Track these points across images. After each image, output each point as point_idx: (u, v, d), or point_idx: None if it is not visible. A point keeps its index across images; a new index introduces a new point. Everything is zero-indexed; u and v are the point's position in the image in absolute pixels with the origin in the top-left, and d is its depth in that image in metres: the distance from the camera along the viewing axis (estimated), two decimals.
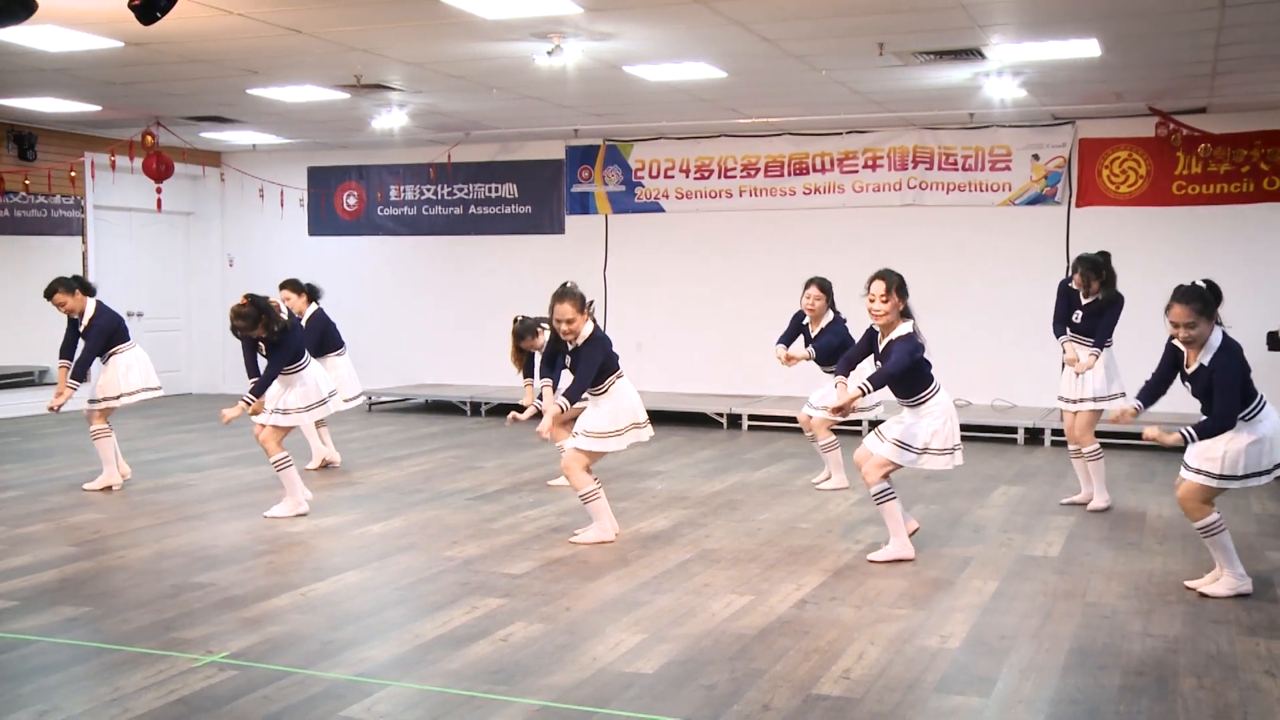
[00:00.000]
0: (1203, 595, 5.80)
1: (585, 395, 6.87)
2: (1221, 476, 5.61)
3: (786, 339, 8.66)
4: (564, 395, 6.81)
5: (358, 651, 4.93)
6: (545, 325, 8.32)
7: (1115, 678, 4.65)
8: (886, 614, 5.51)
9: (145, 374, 8.71)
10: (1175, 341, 5.80)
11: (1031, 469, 9.77)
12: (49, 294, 8.51)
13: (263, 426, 7.66)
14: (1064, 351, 7.97)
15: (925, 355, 6.41)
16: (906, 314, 6.42)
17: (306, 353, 7.88)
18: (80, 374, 8.44)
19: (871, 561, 6.46)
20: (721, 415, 12.47)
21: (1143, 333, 8.90)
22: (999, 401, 12.21)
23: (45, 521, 7.50)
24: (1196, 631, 5.26)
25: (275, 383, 7.65)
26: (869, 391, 6.27)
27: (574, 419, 7.49)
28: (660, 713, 4.25)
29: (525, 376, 8.80)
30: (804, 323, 8.63)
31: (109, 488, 8.57)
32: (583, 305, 6.81)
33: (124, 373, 8.60)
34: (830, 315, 8.49)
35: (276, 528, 7.37)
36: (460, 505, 8.11)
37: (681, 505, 8.14)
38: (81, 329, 8.52)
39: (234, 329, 7.51)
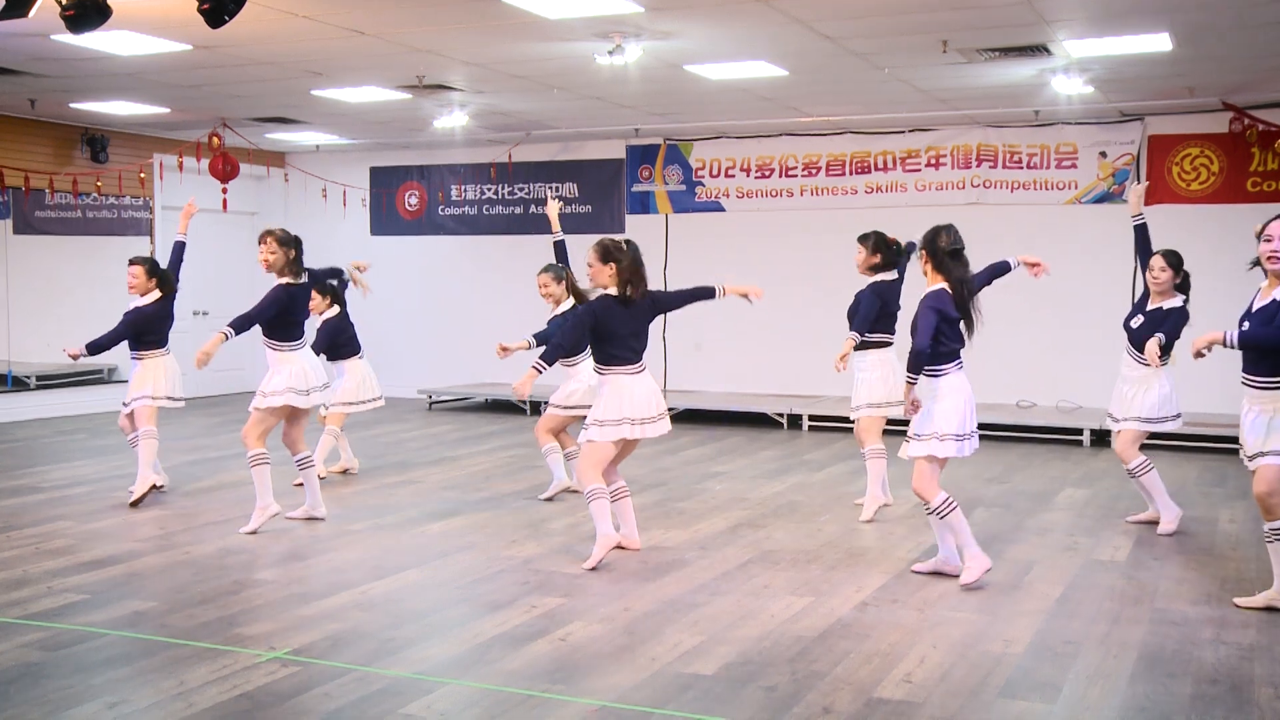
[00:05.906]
0: (1272, 609, 5.63)
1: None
2: None
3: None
4: (540, 356, 6.28)
5: (417, 649, 4.96)
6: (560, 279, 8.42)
7: (1186, 686, 4.54)
8: (949, 617, 5.43)
9: (173, 383, 8.19)
10: (1264, 262, 5.32)
11: (1097, 471, 9.59)
12: (133, 260, 8.15)
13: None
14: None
15: (943, 323, 6.16)
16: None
17: (305, 335, 7.50)
18: (93, 350, 7.89)
19: (915, 572, 6.26)
20: (782, 416, 12.40)
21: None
22: (1064, 402, 12.01)
23: (113, 517, 7.63)
24: (1273, 640, 5.12)
25: (274, 365, 7.24)
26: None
27: (582, 417, 7.20)
28: (719, 714, 4.22)
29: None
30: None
31: (153, 488, 8.09)
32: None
33: (155, 376, 8.11)
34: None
35: (337, 526, 7.43)
36: (519, 505, 8.13)
37: (741, 506, 8.10)
38: (127, 309, 8.08)
39: (263, 239, 7.66)
